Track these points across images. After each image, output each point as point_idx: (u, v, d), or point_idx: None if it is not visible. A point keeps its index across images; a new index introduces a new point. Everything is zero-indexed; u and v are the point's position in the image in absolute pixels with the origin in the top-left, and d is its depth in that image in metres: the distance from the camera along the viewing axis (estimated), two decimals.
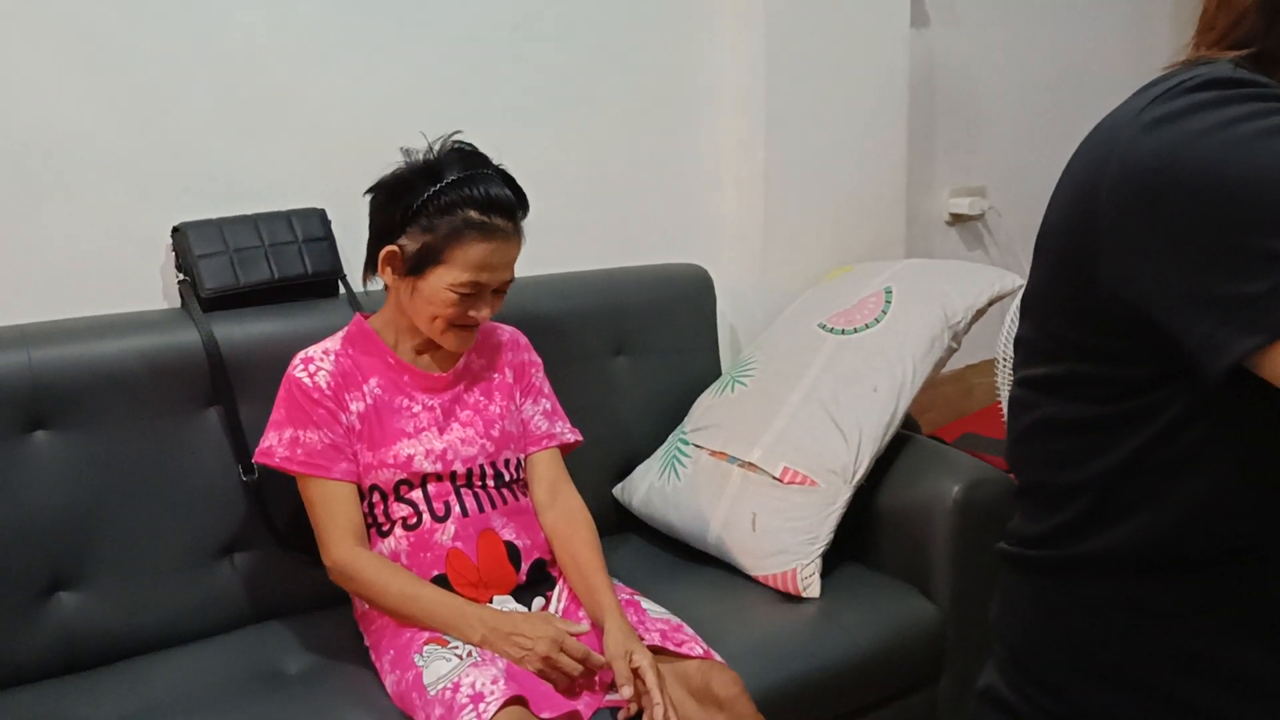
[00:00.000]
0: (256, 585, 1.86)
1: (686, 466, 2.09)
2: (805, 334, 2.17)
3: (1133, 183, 0.75)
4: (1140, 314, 0.75)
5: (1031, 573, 0.91)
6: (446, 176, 1.65)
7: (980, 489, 1.91)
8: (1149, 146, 0.74)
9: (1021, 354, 0.91)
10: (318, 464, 1.67)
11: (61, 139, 1.81)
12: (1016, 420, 0.92)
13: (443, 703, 1.47)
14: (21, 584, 1.68)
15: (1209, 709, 0.81)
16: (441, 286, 1.65)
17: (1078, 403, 0.83)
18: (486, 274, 1.66)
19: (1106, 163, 0.77)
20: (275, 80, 1.97)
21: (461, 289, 1.65)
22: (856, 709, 1.86)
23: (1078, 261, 0.79)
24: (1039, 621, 0.90)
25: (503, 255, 1.67)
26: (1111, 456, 0.82)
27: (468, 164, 1.68)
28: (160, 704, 1.61)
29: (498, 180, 1.68)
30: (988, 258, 3.09)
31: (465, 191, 1.64)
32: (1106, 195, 0.76)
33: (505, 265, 1.69)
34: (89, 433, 1.73)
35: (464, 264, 1.64)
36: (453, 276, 1.64)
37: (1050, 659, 0.89)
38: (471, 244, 1.63)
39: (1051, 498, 0.88)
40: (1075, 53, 3.15)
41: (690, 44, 2.42)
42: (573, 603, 1.74)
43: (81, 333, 1.76)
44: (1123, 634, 0.84)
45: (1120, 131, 0.77)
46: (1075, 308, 0.81)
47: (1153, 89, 0.78)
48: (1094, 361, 0.81)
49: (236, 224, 1.89)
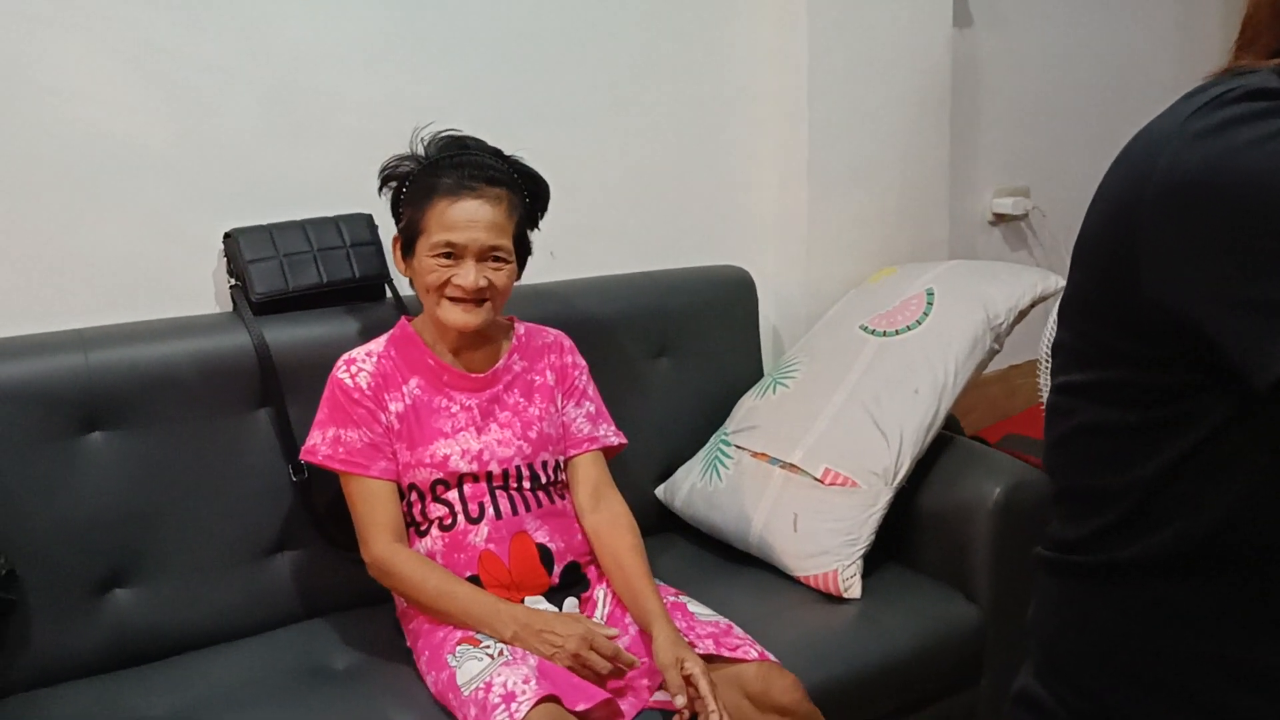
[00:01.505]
0: (305, 583, 1.89)
1: (728, 468, 2.10)
2: (847, 336, 2.17)
3: (1178, 194, 0.74)
4: (1184, 322, 0.75)
5: (1067, 577, 0.91)
6: (430, 156, 1.73)
7: (1022, 490, 1.91)
8: (1194, 157, 0.74)
9: (1059, 360, 0.91)
10: (357, 462, 1.70)
11: (116, 146, 1.85)
12: (1054, 425, 0.92)
13: (476, 703, 1.49)
14: (77, 581, 1.72)
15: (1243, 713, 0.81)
16: (425, 255, 1.69)
17: (1116, 408, 0.83)
18: (458, 233, 1.67)
19: (1149, 173, 0.77)
20: (322, 88, 2.01)
21: (438, 251, 1.67)
22: (896, 710, 1.86)
23: (1118, 269, 0.80)
24: (1074, 624, 0.90)
25: (470, 213, 1.67)
26: (1150, 462, 0.82)
27: (454, 145, 1.74)
28: (211, 699, 1.65)
29: (483, 155, 1.73)
30: (1031, 258, 3.07)
31: (443, 165, 1.70)
32: (1150, 205, 0.76)
33: (480, 225, 1.67)
34: (143, 434, 1.77)
35: (436, 225, 1.67)
36: (428, 241, 1.68)
37: (1085, 662, 0.89)
38: (441, 204, 1.67)
39: (1088, 503, 0.88)
40: (1120, 51, 3.13)
41: (732, 46, 2.42)
42: (618, 607, 1.75)
43: (136, 336, 1.80)
44: (1157, 637, 0.84)
45: (1164, 142, 0.77)
46: (1115, 315, 0.81)
47: (1195, 98, 0.78)
48: (1133, 368, 0.81)
49: (286, 229, 1.92)
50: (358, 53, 2.03)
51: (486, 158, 1.73)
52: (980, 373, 2.12)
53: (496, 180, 1.70)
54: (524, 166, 1.77)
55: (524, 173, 1.77)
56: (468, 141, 1.76)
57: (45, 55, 1.78)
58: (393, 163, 1.77)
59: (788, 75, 2.43)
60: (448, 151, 1.73)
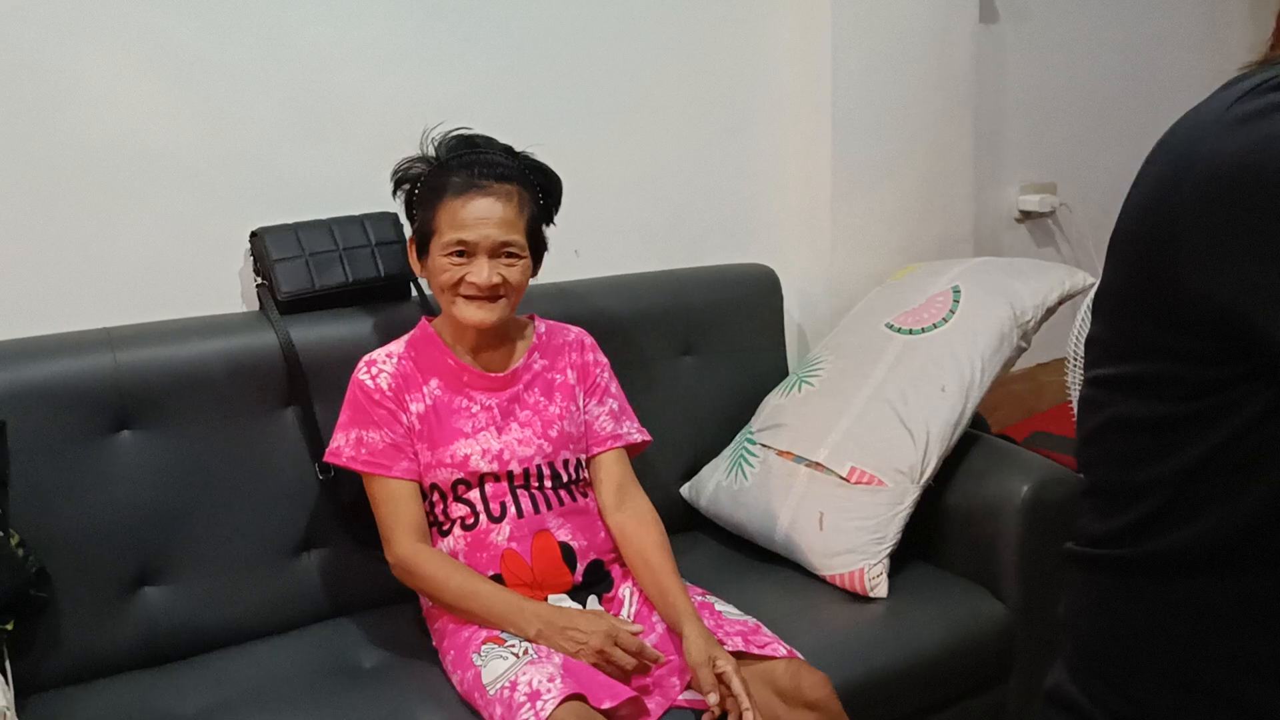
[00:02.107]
0: (331, 581, 1.90)
1: (754, 466, 2.09)
2: (872, 334, 2.16)
3: (1218, 182, 0.74)
4: (1225, 313, 0.74)
5: (1099, 572, 0.90)
6: (440, 157, 1.74)
7: (1050, 488, 1.90)
8: (1234, 145, 0.73)
9: (1093, 354, 0.90)
10: (380, 463, 1.71)
11: (142, 147, 1.87)
12: (1087, 420, 0.91)
13: (501, 702, 1.50)
14: (108, 579, 1.74)
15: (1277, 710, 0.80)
16: (438, 255, 1.69)
17: (1151, 401, 0.83)
18: (469, 231, 1.67)
19: (1189, 162, 0.76)
20: (345, 88, 2.02)
21: (450, 250, 1.68)
22: (923, 708, 1.86)
23: (1157, 261, 0.79)
24: (1106, 620, 0.90)
25: (480, 211, 1.68)
26: (1184, 455, 0.81)
27: (463, 145, 1.74)
28: (240, 696, 1.66)
29: (493, 153, 1.73)
30: (1058, 255, 3.05)
31: (452, 165, 1.71)
32: (1189, 194, 0.76)
33: (492, 223, 1.68)
34: (172, 432, 1.78)
35: (447, 224, 1.68)
36: (440, 240, 1.69)
37: (1117, 658, 0.88)
38: (452, 203, 1.68)
39: (1121, 497, 0.87)
40: (1147, 45, 3.10)
41: (755, 42, 2.42)
42: (645, 606, 1.75)
43: (164, 335, 1.82)
44: (1190, 633, 0.83)
45: (1203, 130, 0.77)
46: (1153, 307, 0.81)
47: (1234, 87, 0.77)
48: (1170, 360, 0.80)
49: (311, 228, 1.93)
50: (379, 54, 2.04)
51: (497, 155, 1.73)
52: (1007, 370, 2.11)
53: (507, 176, 1.71)
54: (535, 162, 1.78)
55: (535, 168, 1.77)
56: (477, 140, 1.76)
57: (74, 62, 1.80)
58: (404, 165, 1.78)
59: (811, 72, 2.42)
60: (457, 151, 1.73)
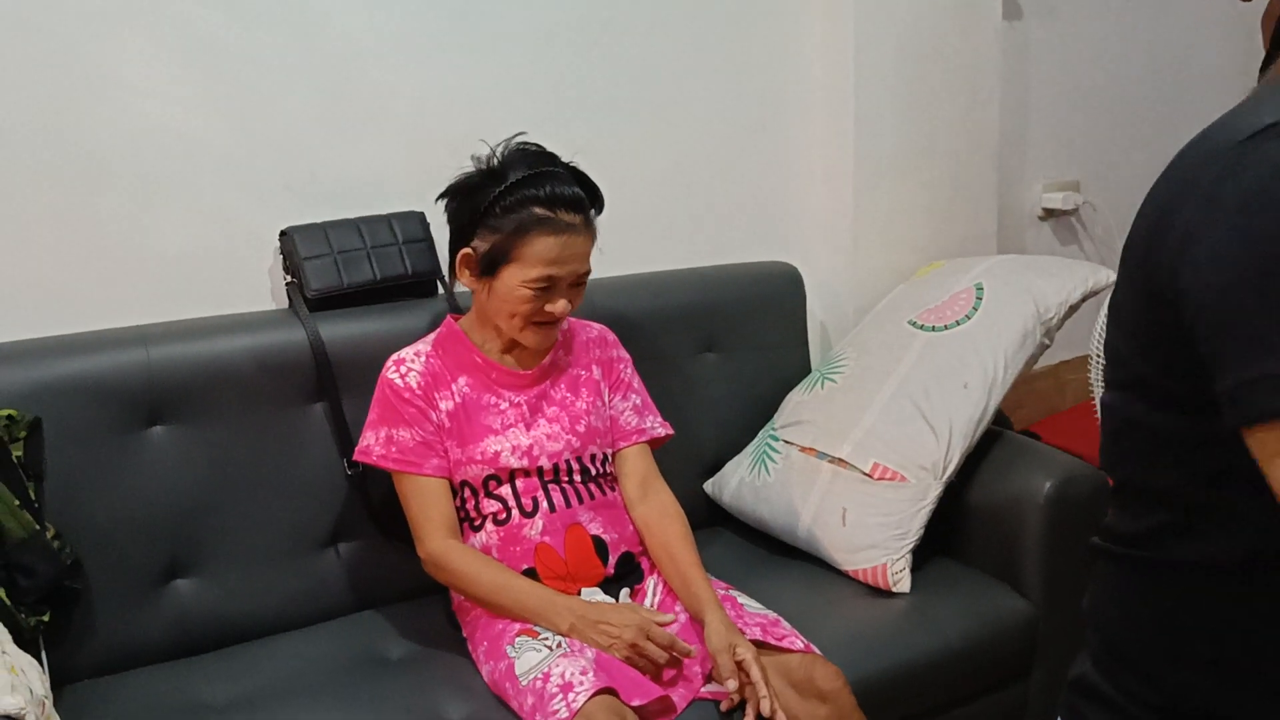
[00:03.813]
0: (359, 574, 1.92)
1: (777, 462, 2.11)
2: (895, 331, 2.17)
3: (1221, 210, 0.73)
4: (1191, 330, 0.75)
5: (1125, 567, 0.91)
6: (511, 176, 1.69)
7: (1072, 485, 1.90)
8: (1234, 187, 0.73)
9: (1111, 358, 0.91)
10: (410, 460, 1.73)
11: (176, 147, 1.89)
12: (1109, 421, 0.92)
13: (533, 692, 1.52)
14: (141, 571, 1.77)
15: None
16: (515, 284, 1.69)
17: (1166, 411, 0.83)
18: (556, 268, 1.69)
19: (1196, 182, 0.76)
20: (373, 86, 2.04)
21: (534, 285, 1.68)
22: (947, 703, 1.86)
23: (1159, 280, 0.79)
24: (1133, 611, 0.90)
25: (572, 249, 1.69)
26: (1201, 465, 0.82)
27: (532, 163, 1.71)
28: (270, 686, 1.68)
29: (564, 177, 1.71)
30: (1082, 253, 3.04)
31: (530, 190, 1.68)
32: (1192, 216, 0.76)
33: (575, 258, 1.71)
34: (203, 428, 1.81)
35: (533, 259, 1.67)
36: (524, 273, 1.68)
37: (1144, 647, 0.89)
38: (538, 239, 1.67)
39: (1146, 499, 0.88)
40: (1173, 42, 3.09)
41: (779, 39, 2.43)
42: (668, 596, 1.76)
43: (196, 332, 1.84)
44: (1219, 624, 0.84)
45: (1209, 160, 0.76)
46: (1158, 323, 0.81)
47: (1246, 118, 0.76)
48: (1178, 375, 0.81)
49: (340, 227, 1.96)
50: (410, 48, 2.06)
51: (568, 183, 1.70)
52: (1030, 368, 2.11)
53: (580, 206, 1.71)
54: (589, 180, 1.76)
55: (591, 189, 1.76)
56: (544, 159, 1.73)
57: (109, 55, 1.82)
58: (466, 178, 1.74)
59: (835, 69, 2.43)
60: (528, 171, 1.69)
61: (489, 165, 1.73)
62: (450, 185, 1.77)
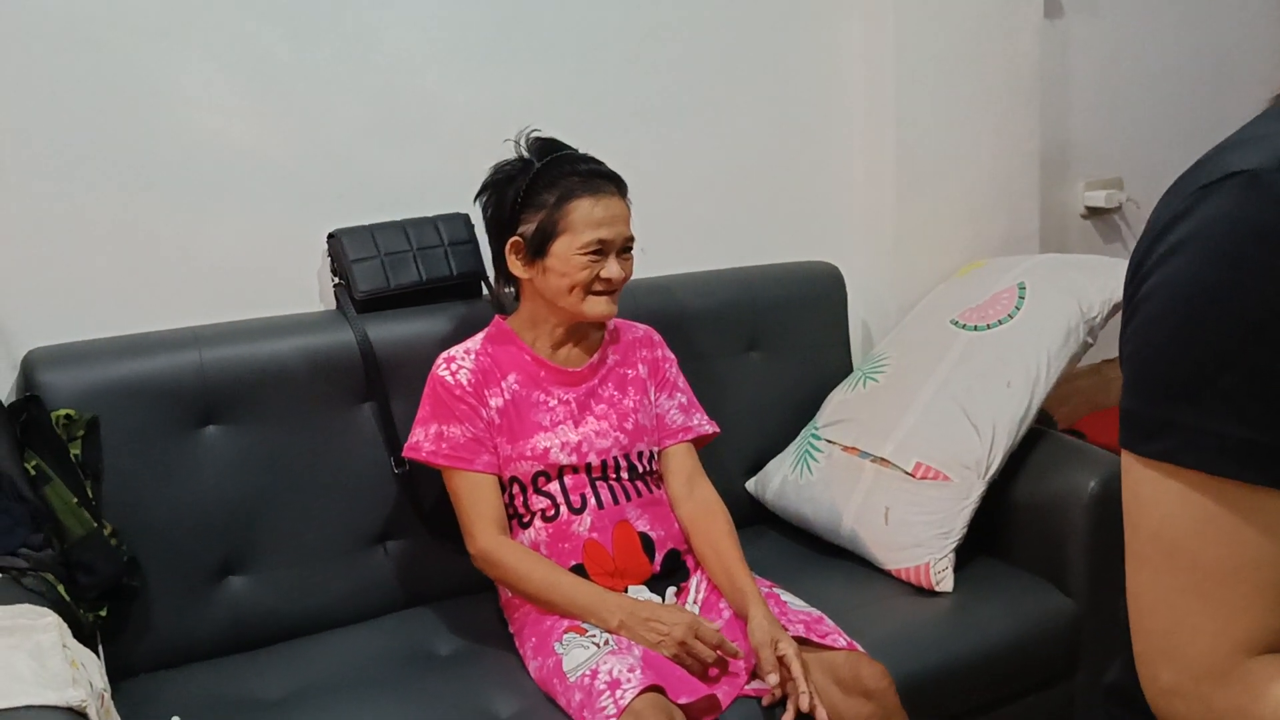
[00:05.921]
0: (408, 571, 1.95)
1: (819, 461, 2.11)
2: (937, 330, 2.17)
3: (1170, 240, 0.74)
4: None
5: None
6: (542, 159, 1.76)
7: (1118, 483, 1.88)
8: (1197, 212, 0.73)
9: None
10: (461, 457, 1.75)
11: (230, 156, 1.93)
12: None
13: (581, 688, 1.54)
14: (196, 568, 1.80)
15: None
16: (570, 254, 1.72)
17: None
18: (605, 229, 1.73)
19: (1160, 216, 0.77)
20: (423, 96, 2.07)
21: (586, 250, 1.72)
22: (991, 702, 1.87)
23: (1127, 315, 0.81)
24: None
25: (613, 210, 1.75)
26: None
27: (554, 148, 1.78)
28: (322, 681, 1.71)
29: (588, 157, 1.79)
30: (1125, 251, 3.01)
31: (562, 166, 1.75)
32: (1150, 242, 0.77)
33: (619, 219, 1.76)
34: (255, 427, 1.84)
35: (581, 225, 1.72)
36: (576, 240, 1.72)
37: None
38: (582, 203, 1.72)
39: None
40: (1214, 39, 3.06)
41: (820, 41, 2.44)
42: (713, 593, 1.78)
43: (247, 334, 1.88)
44: None
45: (1183, 190, 0.76)
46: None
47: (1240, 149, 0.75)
48: None
49: (387, 229, 1.99)
50: (458, 57, 2.09)
51: (590, 159, 1.79)
52: (1073, 366, 2.10)
53: (613, 178, 1.77)
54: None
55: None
56: (563, 145, 1.80)
57: (166, 67, 1.87)
58: (502, 168, 1.80)
59: (875, 68, 2.43)
60: (555, 153, 1.77)
61: (519, 155, 1.80)
62: (486, 181, 1.82)
